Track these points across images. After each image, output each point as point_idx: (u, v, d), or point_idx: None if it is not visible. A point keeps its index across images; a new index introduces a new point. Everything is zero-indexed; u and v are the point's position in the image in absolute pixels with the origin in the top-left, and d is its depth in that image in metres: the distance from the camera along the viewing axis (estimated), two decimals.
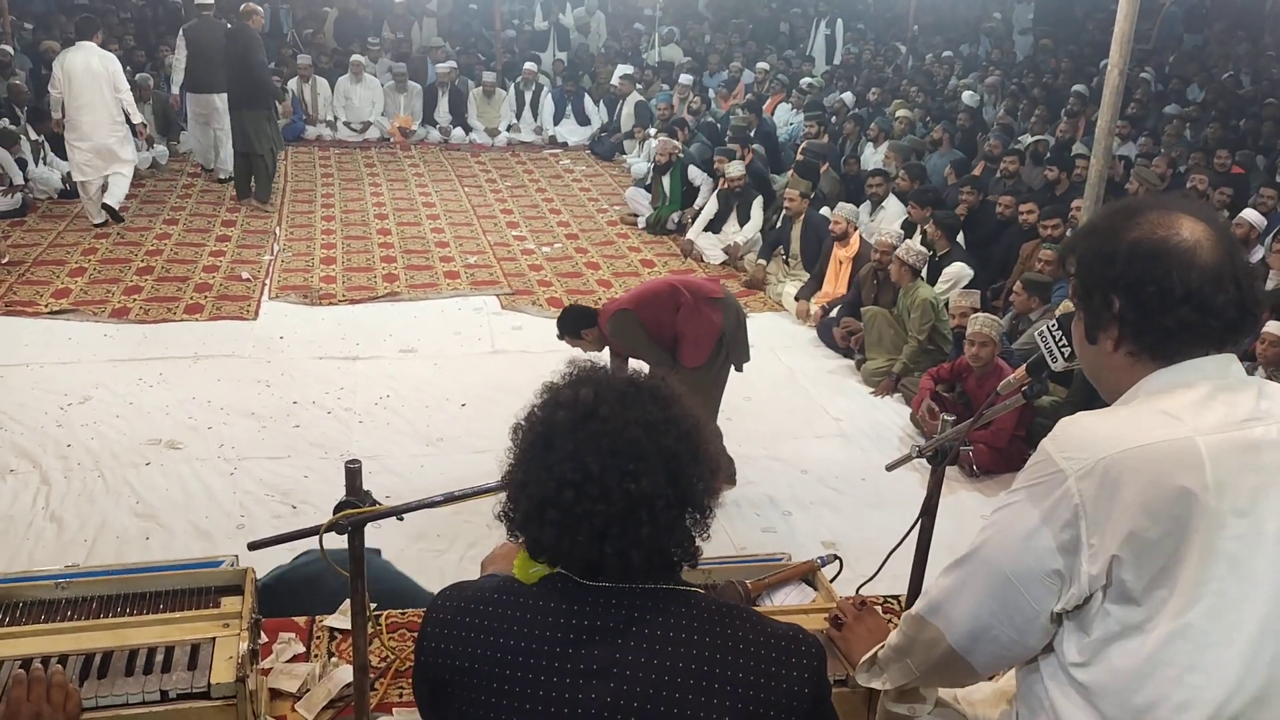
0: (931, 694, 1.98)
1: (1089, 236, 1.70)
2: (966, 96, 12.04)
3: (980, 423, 2.11)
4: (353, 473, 1.99)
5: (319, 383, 5.99)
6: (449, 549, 4.43)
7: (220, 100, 9.84)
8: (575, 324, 4.99)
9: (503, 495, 1.58)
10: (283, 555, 3.87)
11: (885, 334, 6.49)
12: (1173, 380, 1.61)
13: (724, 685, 1.42)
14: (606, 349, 4.99)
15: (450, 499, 2.05)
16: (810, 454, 5.53)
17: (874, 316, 6.56)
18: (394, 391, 5.95)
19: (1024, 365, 1.97)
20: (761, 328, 7.19)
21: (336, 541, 2.15)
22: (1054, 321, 1.87)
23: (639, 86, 13.19)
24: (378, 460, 5.13)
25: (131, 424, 5.39)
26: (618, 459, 1.45)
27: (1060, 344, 1.84)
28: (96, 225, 8.61)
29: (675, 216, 9.42)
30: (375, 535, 2.27)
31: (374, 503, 2.00)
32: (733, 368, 4.97)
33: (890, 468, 2.72)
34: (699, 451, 1.50)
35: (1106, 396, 1.71)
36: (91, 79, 8.26)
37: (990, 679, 1.92)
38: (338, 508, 1.97)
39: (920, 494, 5.05)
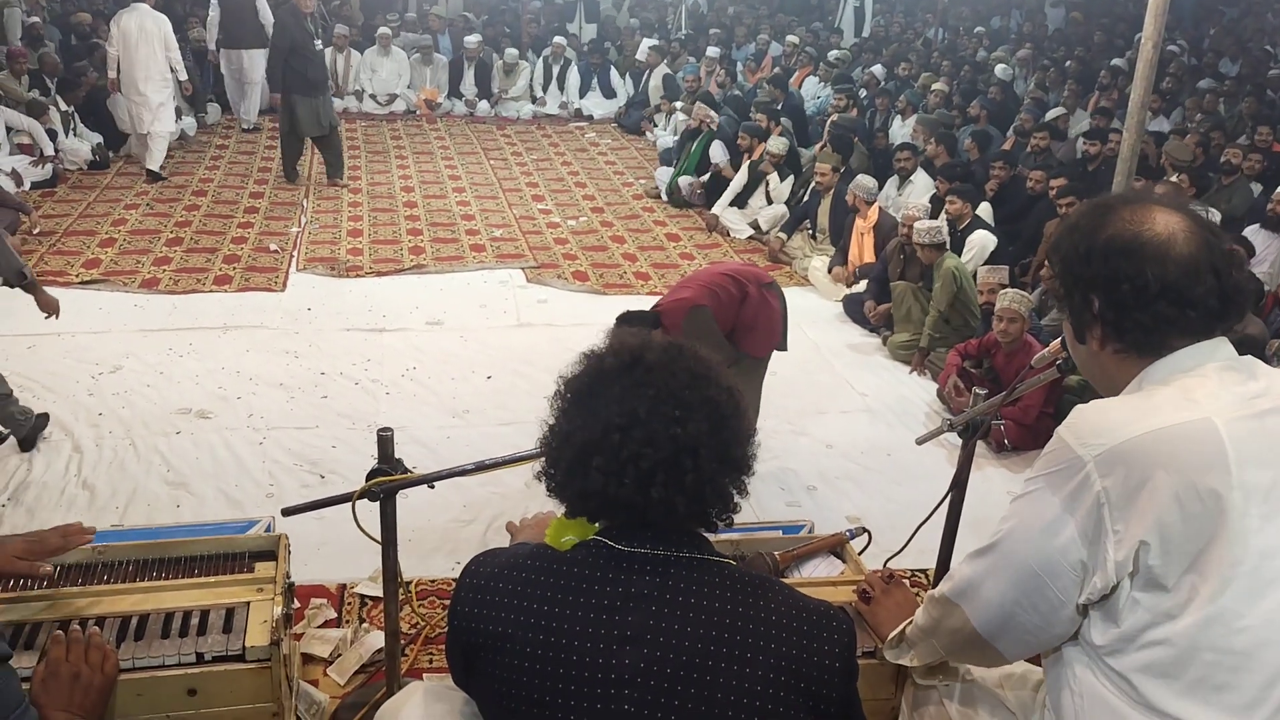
0: (961, 668, 1.98)
1: (1066, 235, 1.68)
2: (1000, 70, 11.90)
3: (1013, 397, 2.09)
4: (385, 440, 2.00)
5: (346, 354, 6.02)
6: (474, 520, 4.45)
7: (248, 56, 10.83)
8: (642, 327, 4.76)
9: (540, 460, 1.58)
10: (311, 523, 3.93)
11: (913, 309, 6.46)
12: (1174, 367, 1.59)
13: (756, 655, 1.42)
14: None
15: (482, 467, 2.05)
16: (836, 429, 5.52)
17: (903, 292, 6.52)
18: (420, 363, 5.97)
19: (1059, 339, 1.94)
20: (787, 303, 7.16)
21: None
22: None
23: (666, 59, 13.13)
24: (405, 431, 5.15)
25: (162, 393, 5.44)
26: (664, 404, 1.47)
27: None
28: (148, 170, 9.30)
29: (684, 181, 9.37)
30: (402, 505, 2.29)
31: (405, 471, 2.01)
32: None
33: (920, 441, 2.70)
34: (739, 407, 1.53)
35: (1106, 394, 1.68)
36: (145, 38, 9.00)
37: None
38: (370, 475, 1.98)
39: (946, 470, 5.09)
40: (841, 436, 5.44)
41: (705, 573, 1.49)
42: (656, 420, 1.46)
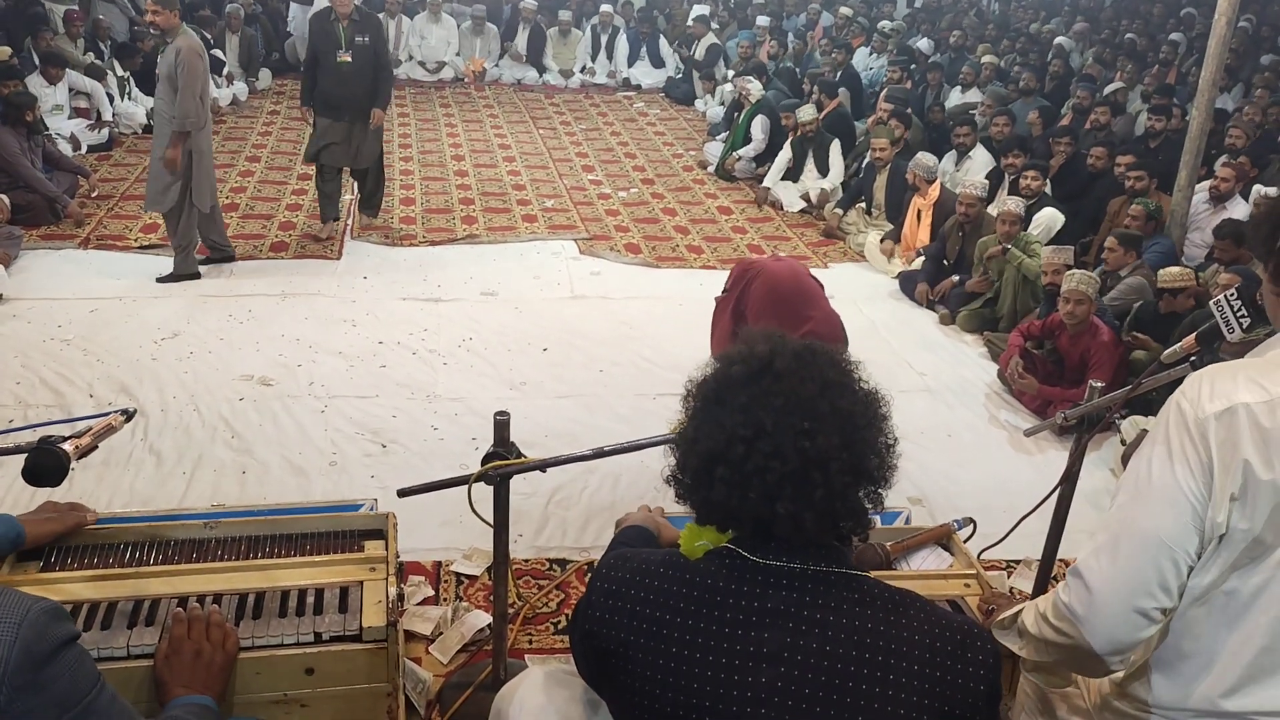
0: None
1: None
2: (1064, 42, 11.70)
3: (1137, 392, 2.05)
4: (501, 424, 1.99)
5: (403, 323, 6.04)
6: (534, 494, 4.43)
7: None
8: None
9: (670, 460, 1.55)
10: (374, 491, 3.95)
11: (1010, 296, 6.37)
12: None
13: (898, 677, 1.38)
14: None
15: (600, 454, 2.04)
16: (894, 409, 5.44)
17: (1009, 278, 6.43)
18: (476, 334, 5.97)
19: (1193, 334, 1.90)
20: (842, 279, 7.11)
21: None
22: (1233, 290, 1.79)
23: (714, 27, 12.98)
24: (463, 403, 5.18)
25: (224, 360, 5.47)
26: (792, 415, 1.41)
27: (1239, 313, 1.77)
28: None
29: (735, 156, 9.34)
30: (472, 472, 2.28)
31: (519, 455, 2.00)
32: None
33: (1029, 433, 2.67)
34: (876, 418, 1.47)
35: None
36: None
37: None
38: (486, 459, 1.97)
39: (1008, 452, 5.06)
40: (900, 416, 5.22)
41: (844, 589, 1.44)
42: (784, 432, 1.40)
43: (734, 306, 4.88)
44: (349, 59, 6.98)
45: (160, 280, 6.44)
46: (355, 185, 7.59)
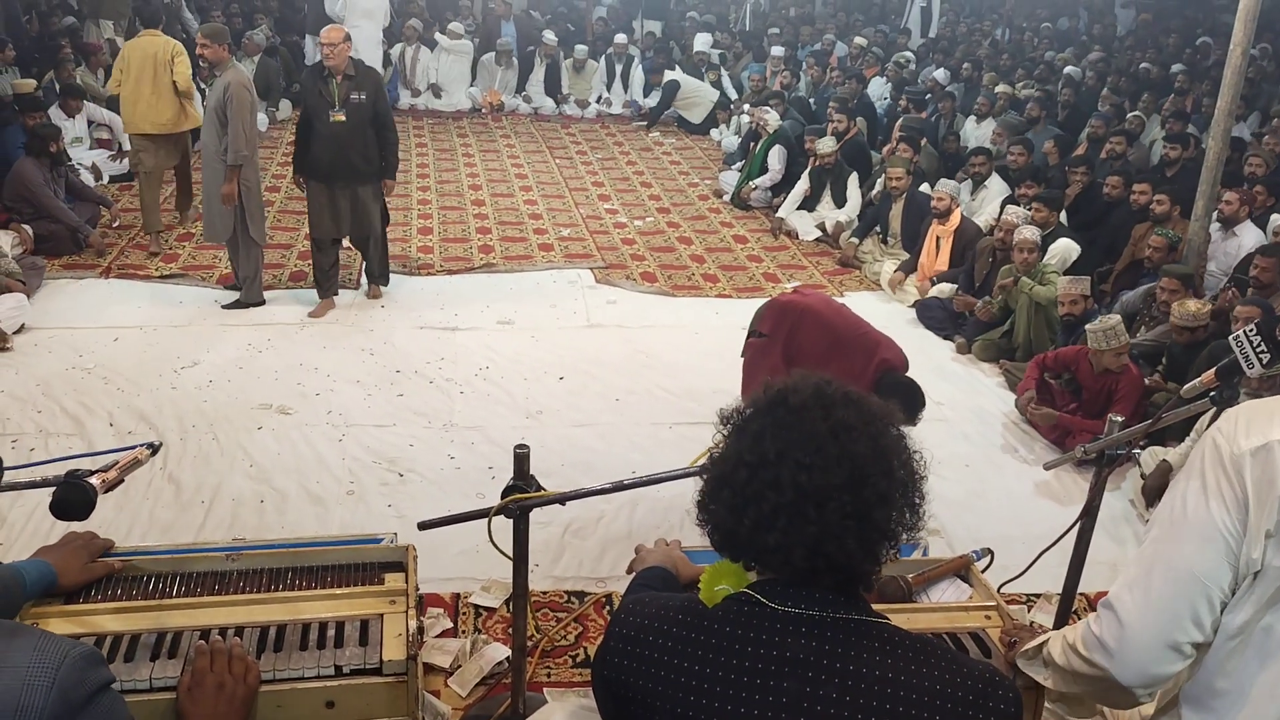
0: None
1: None
2: (1071, 71, 11.73)
3: (1157, 427, 2.04)
4: (521, 458, 2.00)
5: (420, 352, 6.07)
6: (551, 523, 4.44)
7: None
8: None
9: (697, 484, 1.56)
10: (393, 522, 3.96)
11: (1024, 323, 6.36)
12: None
13: None
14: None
15: (620, 487, 2.05)
16: (911, 438, 5.44)
17: (1022, 306, 6.43)
18: (493, 363, 6.00)
19: (1213, 369, 1.90)
20: (859, 308, 7.03)
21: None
22: (1253, 326, 1.79)
23: (724, 55, 13.05)
24: (480, 431, 5.20)
25: (243, 388, 5.51)
26: (795, 449, 1.41)
27: (1259, 349, 1.76)
28: None
29: (751, 186, 9.37)
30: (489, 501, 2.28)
31: (539, 488, 2.01)
32: None
33: (1049, 467, 2.66)
34: (889, 469, 1.42)
35: None
36: None
37: None
38: (505, 491, 1.98)
39: (1024, 481, 5.02)
40: (918, 446, 5.36)
41: (863, 636, 1.43)
42: (786, 464, 1.40)
43: (784, 352, 4.65)
44: (342, 118, 6.25)
45: (225, 307, 6.55)
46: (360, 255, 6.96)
